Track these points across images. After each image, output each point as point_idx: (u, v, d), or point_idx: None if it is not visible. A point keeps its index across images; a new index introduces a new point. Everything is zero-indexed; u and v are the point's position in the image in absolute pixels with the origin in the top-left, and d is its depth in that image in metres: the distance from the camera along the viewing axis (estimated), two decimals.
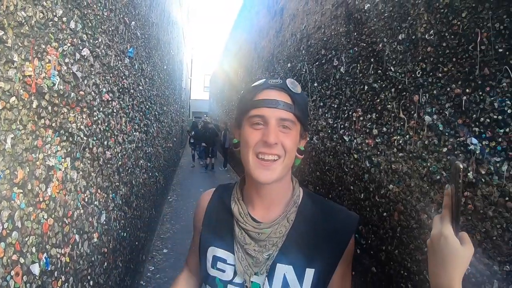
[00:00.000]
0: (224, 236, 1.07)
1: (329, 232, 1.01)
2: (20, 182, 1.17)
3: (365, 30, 3.36)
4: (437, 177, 2.35)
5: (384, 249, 2.92)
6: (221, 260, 1.06)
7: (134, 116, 3.25)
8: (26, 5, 1.21)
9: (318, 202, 1.08)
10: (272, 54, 6.90)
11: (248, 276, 0.99)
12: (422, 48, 2.55)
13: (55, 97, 1.44)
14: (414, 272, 2.55)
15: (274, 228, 1.00)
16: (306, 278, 0.97)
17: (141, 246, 3.69)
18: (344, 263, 1.04)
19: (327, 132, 4.13)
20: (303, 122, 1.01)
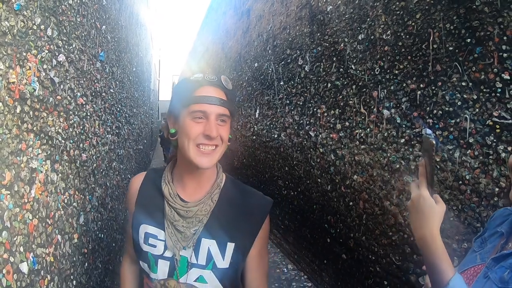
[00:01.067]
0: (155, 214, 1.18)
1: (247, 212, 1.16)
2: (8, 184, 1.23)
3: (328, 30, 3.50)
4: (396, 166, 2.52)
5: (352, 236, 3.07)
6: (152, 236, 1.17)
7: (107, 119, 3.27)
8: (9, 15, 1.26)
9: (238, 186, 1.23)
10: (239, 54, 6.97)
11: (178, 250, 1.12)
12: (380, 47, 2.71)
13: (35, 102, 1.50)
14: (381, 255, 2.71)
15: (200, 206, 1.13)
16: (227, 251, 1.12)
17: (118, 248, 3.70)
18: (260, 242, 1.17)
19: (294, 128, 4.26)
20: (234, 115, 1.14)
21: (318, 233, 3.75)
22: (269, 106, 5.18)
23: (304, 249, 4.16)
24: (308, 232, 4.00)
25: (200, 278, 1.11)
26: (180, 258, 1.12)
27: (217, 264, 1.11)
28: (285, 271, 4.35)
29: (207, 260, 1.11)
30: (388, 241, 2.64)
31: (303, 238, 4.13)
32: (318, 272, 3.81)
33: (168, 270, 1.14)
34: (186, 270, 1.12)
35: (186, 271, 1.12)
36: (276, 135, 4.86)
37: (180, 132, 1.12)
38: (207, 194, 1.15)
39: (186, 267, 1.12)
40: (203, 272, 1.11)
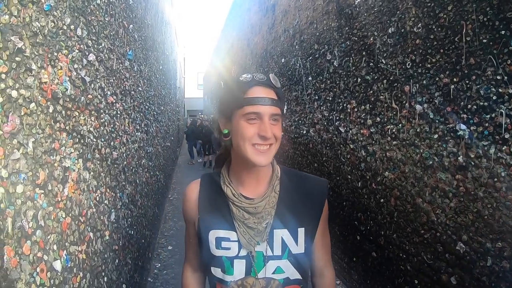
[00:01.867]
0: (223, 218, 1.18)
1: (308, 195, 1.20)
2: (41, 183, 1.25)
3: (356, 24, 3.43)
4: (429, 163, 2.44)
5: (383, 234, 3.01)
6: (225, 239, 1.17)
7: (136, 117, 3.32)
8: (39, 16, 1.28)
9: (293, 173, 1.27)
10: (265, 50, 6.94)
11: (253, 247, 1.14)
12: (411, 40, 2.63)
13: (67, 101, 1.52)
14: (412, 254, 2.65)
15: (266, 200, 1.16)
16: (300, 236, 1.16)
17: (147, 243, 3.76)
18: (323, 221, 1.23)
19: (323, 124, 4.20)
20: (284, 112, 1.16)
21: (348, 230, 3.70)
22: (297, 102, 5.14)
23: (333, 246, 4.11)
24: (337, 229, 3.95)
25: (277, 269, 1.14)
26: (256, 254, 1.14)
27: (292, 251, 1.14)
28: None
29: (282, 249, 1.14)
30: (419, 239, 2.57)
31: (333, 235, 4.08)
32: (347, 270, 3.76)
33: (245, 268, 1.15)
34: (263, 264, 1.14)
35: (263, 265, 1.14)
36: (305, 131, 4.81)
37: (234, 133, 1.13)
38: (269, 187, 1.18)
39: (262, 262, 1.14)
40: (279, 263, 1.14)
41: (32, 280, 1.14)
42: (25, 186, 1.14)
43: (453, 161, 2.27)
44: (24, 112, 1.14)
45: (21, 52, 1.13)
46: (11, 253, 1.02)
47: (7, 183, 1.03)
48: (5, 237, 1.00)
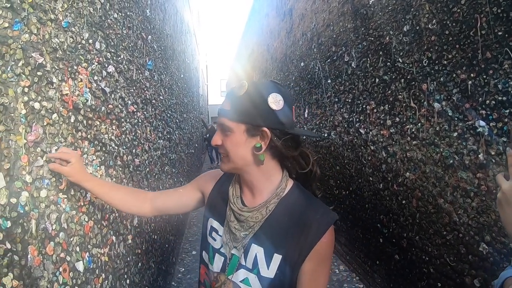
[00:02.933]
0: (221, 211, 1.23)
1: (304, 226, 1.09)
2: (64, 188, 1.34)
3: (372, 24, 3.44)
4: (450, 162, 2.43)
5: (405, 236, 2.99)
6: (215, 230, 1.23)
7: (158, 125, 3.42)
8: (58, 33, 1.37)
9: (303, 197, 1.16)
10: (285, 55, 6.98)
11: (229, 248, 1.16)
12: (427, 37, 2.62)
13: (88, 111, 1.61)
14: (435, 256, 2.63)
15: (253, 213, 1.13)
16: (273, 261, 1.09)
17: (171, 248, 3.84)
18: (315, 259, 1.08)
19: (344, 126, 4.21)
20: (248, 122, 1.08)
21: (370, 233, 3.69)
22: (317, 105, 5.15)
23: (356, 250, 4.11)
24: (360, 232, 3.94)
25: (245, 280, 1.13)
26: (231, 257, 1.16)
27: (261, 272, 1.11)
28: (337, 272, 4.31)
29: (253, 265, 1.12)
30: (442, 240, 2.55)
31: (355, 239, 4.08)
32: (370, 273, 3.74)
33: (222, 265, 1.19)
34: (235, 269, 1.15)
35: (234, 271, 1.15)
36: (326, 134, 4.83)
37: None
38: (263, 202, 1.13)
39: (235, 266, 1.15)
40: (249, 275, 1.12)
41: (55, 279, 1.22)
42: (49, 191, 1.22)
43: (473, 159, 2.25)
44: (47, 122, 1.23)
45: (42, 67, 1.22)
46: (35, 252, 1.10)
47: (32, 188, 1.11)
48: (29, 237, 1.08)
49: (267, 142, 1.08)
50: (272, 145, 1.09)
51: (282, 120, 1.07)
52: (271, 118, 1.06)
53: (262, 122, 1.06)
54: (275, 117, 1.06)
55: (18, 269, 1.00)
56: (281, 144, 1.08)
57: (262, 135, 1.07)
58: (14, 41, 1.07)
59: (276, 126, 1.07)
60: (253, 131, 1.08)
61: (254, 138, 1.08)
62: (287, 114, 1.09)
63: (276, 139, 1.08)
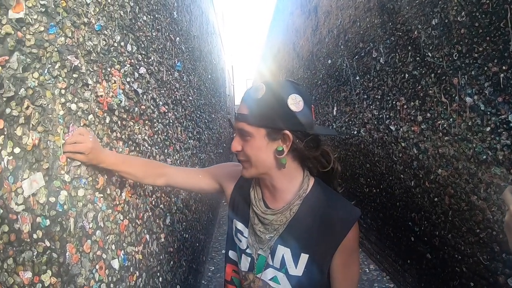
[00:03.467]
0: (243, 213, 1.23)
1: (328, 224, 1.10)
2: (101, 188, 1.37)
3: (399, 19, 3.38)
4: (483, 157, 2.36)
5: (437, 234, 2.92)
6: (240, 232, 1.25)
7: (188, 125, 3.47)
8: (91, 36, 1.40)
9: (326, 195, 1.15)
10: (311, 52, 6.94)
11: (255, 250, 1.17)
12: (456, 30, 2.55)
13: (122, 112, 1.65)
14: (467, 254, 2.56)
15: (277, 216, 1.13)
16: (301, 261, 1.11)
17: (201, 247, 3.88)
18: (344, 253, 1.10)
19: (373, 123, 4.15)
20: (268, 126, 1.06)
21: (402, 231, 3.62)
22: (346, 102, 5.10)
23: (387, 248, 4.04)
24: (391, 231, 3.87)
25: (274, 278, 1.15)
26: (258, 257, 1.17)
27: (289, 271, 1.12)
28: (367, 271, 4.25)
29: (281, 265, 1.13)
30: (475, 239, 2.48)
31: (386, 237, 4.01)
32: (401, 273, 3.67)
33: (249, 265, 1.20)
34: (262, 268, 1.16)
35: (263, 270, 1.16)
36: (356, 132, 4.76)
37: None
38: (286, 205, 1.13)
39: (263, 266, 1.16)
40: (277, 274, 1.14)
41: (91, 276, 1.25)
42: (86, 190, 1.25)
43: (507, 154, 2.18)
44: (83, 123, 1.27)
45: (77, 69, 1.25)
46: (73, 250, 1.13)
47: (70, 187, 1.14)
48: (67, 235, 1.11)
49: (289, 145, 1.06)
50: (294, 147, 1.07)
51: (303, 121, 1.05)
52: (291, 120, 1.04)
53: (282, 125, 1.04)
54: (296, 119, 1.04)
55: (56, 266, 1.03)
56: (303, 146, 1.07)
57: (283, 138, 1.06)
58: (50, 44, 1.10)
59: (297, 128, 1.06)
60: (274, 134, 1.06)
61: (275, 142, 1.07)
62: (307, 114, 1.07)
63: (298, 141, 1.07)
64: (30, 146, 0.96)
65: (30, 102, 0.98)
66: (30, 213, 0.94)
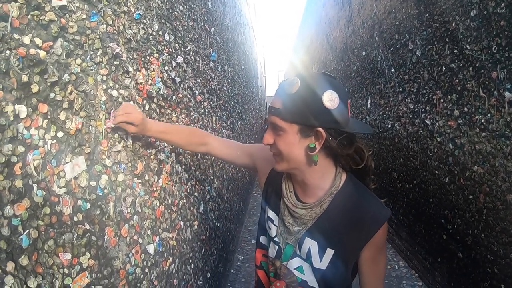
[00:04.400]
0: (275, 202, 1.24)
1: (357, 223, 1.09)
2: (139, 173, 1.39)
3: (436, 10, 3.26)
4: None
5: (470, 233, 2.84)
6: (270, 220, 1.25)
7: (222, 115, 3.50)
8: (131, 24, 1.42)
9: (357, 193, 1.13)
10: (345, 44, 6.83)
11: (283, 239, 1.18)
12: (495, 22, 2.45)
13: (161, 100, 1.67)
14: (500, 255, 2.47)
15: (306, 211, 1.12)
16: (326, 255, 1.11)
17: (231, 236, 3.91)
18: (371, 251, 1.10)
19: (408, 117, 4.05)
20: (301, 123, 1.03)
21: (434, 229, 3.52)
22: (380, 95, 4.99)
23: (417, 246, 3.95)
24: (422, 228, 3.78)
25: (299, 268, 1.16)
26: (285, 247, 1.18)
27: (313, 263, 1.12)
28: (396, 268, 4.16)
29: (306, 256, 1.14)
30: (509, 239, 2.38)
31: (417, 234, 3.92)
32: (431, 271, 3.59)
33: (276, 252, 1.21)
34: (289, 257, 1.17)
35: (289, 258, 1.17)
36: (390, 125, 4.66)
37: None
38: (317, 201, 1.12)
39: (289, 255, 1.17)
40: (303, 263, 1.15)
41: (128, 260, 1.28)
42: (125, 176, 1.28)
43: None
44: None
45: (118, 57, 1.27)
46: (111, 233, 1.16)
47: (110, 171, 1.17)
48: (107, 219, 1.14)
49: (322, 142, 1.04)
50: (327, 145, 1.04)
51: (337, 119, 1.02)
52: (326, 118, 1.01)
53: (316, 122, 1.02)
54: (330, 116, 1.01)
55: (95, 249, 1.05)
56: (336, 144, 1.04)
57: (316, 135, 1.04)
58: (92, 32, 1.12)
59: (331, 125, 1.03)
60: (307, 131, 1.04)
61: (307, 139, 1.05)
62: (343, 111, 1.03)
63: (331, 139, 1.04)
64: (73, 130, 0.98)
65: (74, 87, 1.00)
66: (71, 196, 0.96)
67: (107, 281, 1.11)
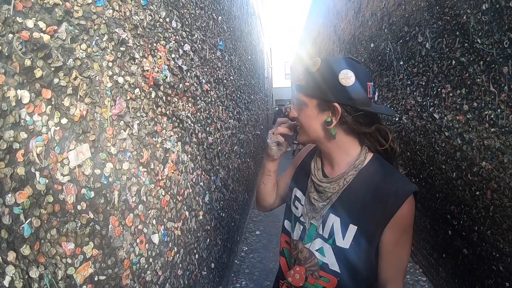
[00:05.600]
0: (303, 182, 1.28)
1: (381, 198, 1.09)
2: (145, 162, 1.37)
3: (447, 2, 3.20)
4: None
5: (476, 230, 2.80)
6: (298, 199, 1.29)
7: (228, 105, 3.47)
8: (137, 10, 1.39)
9: (383, 169, 1.15)
10: (353, 36, 6.75)
11: (308, 218, 1.20)
12: (508, 16, 2.39)
13: (167, 88, 1.64)
14: (506, 253, 2.44)
15: (331, 184, 1.15)
16: (349, 232, 1.11)
17: (236, 227, 3.91)
18: (394, 230, 1.09)
19: (416, 110, 4.00)
20: (319, 97, 1.12)
21: (439, 224, 3.49)
22: (388, 88, 4.93)
23: (422, 241, 3.92)
24: (428, 223, 3.75)
25: (320, 249, 1.16)
26: (310, 226, 1.20)
27: (336, 242, 1.13)
28: None
29: (329, 234, 1.14)
30: None
31: (422, 229, 3.89)
32: (435, 267, 3.56)
33: (300, 233, 1.23)
34: (313, 238, 1.18)
35: (312, 239, 1.18)
36: (397, 118, 4.61)
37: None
38: (341, 174, 1.15)
39: (313, 235, 1.18)
40: (324, 245, 1.15)
41: (132, 250, 1.26)
42: (130, 164, 1.26)
43: None
44: (130, 96, 1.27)
45: (125, 43, 1.24)
46: (116, 223, 1.14)
47: (115, 159, 1.15)
48: (111, 208, 1.12)
49: (338, 117, 1.09)
50: (343, 120, 1.10)
51: (354, 97, 1.08)
52: (342, 94, 1.08)
53: (332, 98, 1.09)
54: (346, 93, 1.07)
55: (99, 239, 1.04)
56: (351, 120, 1.10)
57: (333, 110, 1.10)
58: (98, 17, 1.09)
59: (347, 102, 1.09)
60: (324, 106, 1.11)
61: (325, 113, 1.12)
62: (359, 90, 1.08)
63: (346, 115, 1.09)
64: (78, 117, 0.96)
65: (78, 73, 0.97)
66: (75, 184, 0.94)
67: (110, 271, 1.10)
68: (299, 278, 1.19)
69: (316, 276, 1.17)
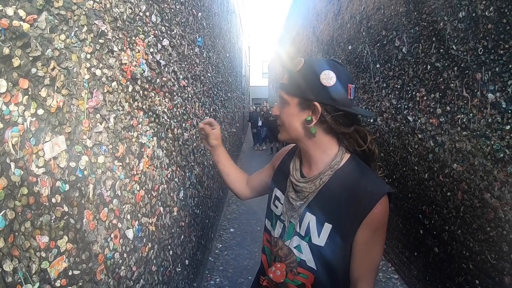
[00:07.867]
0: (283, 182, 1.30)
1: (355, 197, 1.11)
2: (120, 156, 1.36)
3: (425, 9, 3.29)
4: (500, 155, 2.32)
5: (447, 229, 2.90)
6: (277, 199, 1.32)
7: (205, 101, 3.45)
8: (118, 3, 1.38)
9: (359, 170, 1.16)
10: (331, 37, 6.83)
11: (288, 217, 1.23)
12: (483, 25, 2.48)
13: (145, 82, 1.63)
14: (476, 252, 2.53)
15: (307, 184, 1.17)
16: (324, 230, 1.14)
17: (210, 224, 3.90)
18: (367, 229, 1.10)
19: (391, 113, 4.09)
20: (300, 96, 1.15)
21: (411, 223, 3.59)
22: (364, 90, 5.02)
23: (394, 239, 4.02)
24: (400, 222, 3.84)
25: (298, 247, 1.19)
26: (288, 225, 1.22)
27: (312, 239, 1.16)
28: None
29: (305, 232, 1.17)
30: (485, 236, 2.44)
31: (395, 228, 3.99)
32: (407, 265, 3.66)
33: (281, 231, 1.26)
34: (291, 235, 1.21)
35: (291, 237, 1.21)
36: (372, 120, 4.71)
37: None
38: (318, 173, 1.17)
39: (292, 233, 1.21)
40: (301, 242, 1.18)
41: (106, 245, 1.25)
42: (106, 158, 1.25)
43: None
44: (107, 89, 1.25)
45: (104, 35, 1.23)
46: (90, 217, 1.13)
47: (91, 152, 1.14)
48: (86, 201, 1.11)
49: (318, 116, 1.12)
50: (323, 119, 1.12)
51: (334, 97, 1.10)
52: (322, 94, 1.10)
53: (313, 97, 1.12)
54: (327, 93, 1.10)
55: (73, 232, 1.03)
56: (330, 119, 1.11)
57: (313, 109, 1.12)
58: (79, 7, 1.08)
59: (328, 101, 1.11)
60: (305, 104, 1.14)
61: (305, 112, 1.15)
62: (340, 91, 1.11)
63: (326, 114, 1.11)
64: (54, 108, 0.95)
65: (56, 63, 0.96)
66: (50, 177, 0.93)
67: (85, 266, 1.09)
68: (280, 275, 1.22)
69: (295, 273, 1.19)
